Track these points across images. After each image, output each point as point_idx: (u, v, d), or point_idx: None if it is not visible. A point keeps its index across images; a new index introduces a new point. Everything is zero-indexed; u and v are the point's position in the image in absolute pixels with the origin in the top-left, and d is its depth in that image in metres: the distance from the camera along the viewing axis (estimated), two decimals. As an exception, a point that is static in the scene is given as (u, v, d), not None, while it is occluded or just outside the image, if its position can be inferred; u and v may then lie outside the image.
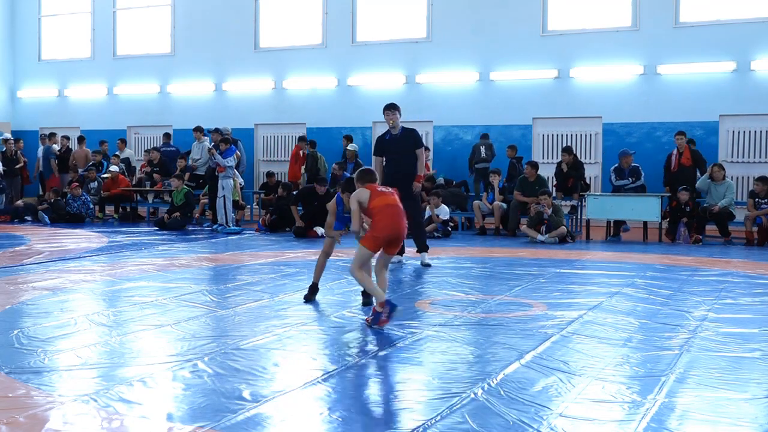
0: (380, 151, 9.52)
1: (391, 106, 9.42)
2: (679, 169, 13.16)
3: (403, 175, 9.17)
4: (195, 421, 3.55)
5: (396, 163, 9.31)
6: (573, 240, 12.54)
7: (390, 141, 9.38)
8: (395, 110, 9.37)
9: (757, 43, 14.69)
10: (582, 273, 8.81)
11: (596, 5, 15.92)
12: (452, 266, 9.10)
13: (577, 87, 15.98)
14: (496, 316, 6.15)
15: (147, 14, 20.30)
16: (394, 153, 9.33)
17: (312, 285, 6.82)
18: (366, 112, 17.63)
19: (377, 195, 5.62)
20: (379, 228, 5.56)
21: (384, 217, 5.57)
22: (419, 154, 9.31)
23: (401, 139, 9.31)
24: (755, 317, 6.12)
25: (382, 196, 5.62)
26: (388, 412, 3.73)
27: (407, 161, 9.27)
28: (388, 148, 9.39)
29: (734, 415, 3.72)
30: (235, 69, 19.00)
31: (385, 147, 9.45)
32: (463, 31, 16.76)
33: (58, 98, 21.34)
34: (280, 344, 5.17)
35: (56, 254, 10.12)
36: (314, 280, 6.81)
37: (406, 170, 9.24)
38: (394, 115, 9.31)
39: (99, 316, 6.01)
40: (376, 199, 5.60)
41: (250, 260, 9.49)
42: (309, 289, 6.81)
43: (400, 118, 9.40)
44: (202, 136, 16.21)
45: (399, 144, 9.30)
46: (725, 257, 10.38)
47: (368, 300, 6.39)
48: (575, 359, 4.76)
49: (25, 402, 3.80)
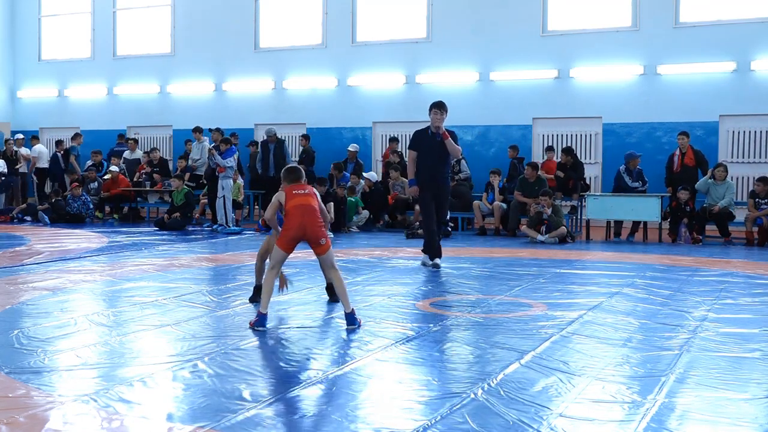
0: (417, 145, 8.98)
1: (440, 105, 8.87)
2: (682, 169, 13.16)
3: (440, 182, 8.88)
4: (195, 421, 3.55)
5: (433, 167, 8.85)
6: (573, 240, 12.54)
7: (431, 140, 8.84)
8: (444, 111, 8.84)
9: (757, 43, 14.69)
10: (582, 273, 8.81)
11: (596, 5, 15.92)
12: (452, 266, 9.09)
13: (577, 87, 15.99)
14: (496, 316, 6.15)
15: (147, 14, 20.29)
16: (433, 154, 8.84)
17: (257, 286, 6.55)
18: (366, 112, 17.65)
19: (292, 197, 5.67)
20: (287, 227, 5.62)
21: (292, 218, 5.61)
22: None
23: (443, 142, 8.81)
24: (755, 317, 6.12)
25: (296, 198, 5.67)
26: (388, 412, 3.73)
27: (444, 168, 8.92)
28: (428, 147, 8.87)
29: (734, 415, 3.72)
30: (235, 69, 19.01)
31: (423, 144, 8.92)
32: (463, 31, 16.77)
33: (58, 98, 21.34)
34: (280, 344, 5.17)
35: (56, 254, 10.11)
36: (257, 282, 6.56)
37: (442, 179, 8.92)
38: (442, 116, 8.79)
39: (99, 316, 6.01)
40: (290, 201, 5.65)
41: (250, 260, 9.48)
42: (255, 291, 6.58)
43: (446, 118, 8.89)
44: (201, 137, 16.23)
45: (442, 147, 8.81)
46: (725, 257, 10.38)
47: (335, 298, 6.37)
48: (575, 359, 4.76)
49: (25, 402, 3.80)
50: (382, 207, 14.99)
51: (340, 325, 5.66)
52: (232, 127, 18.20)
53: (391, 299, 6.84)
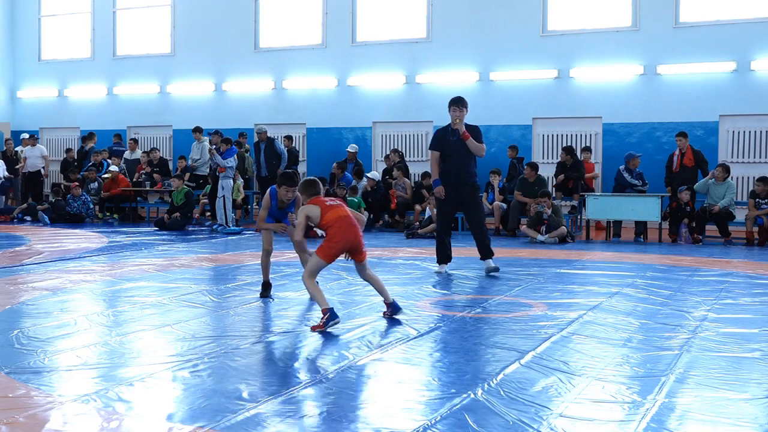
0: (439, 145, 8.56)
1: (458, 101, 8.49)
2: (681, 170, 13.17)
3: (466, 184, 8.53)
4: (195, 421, 3.55)
5: (458, 167, 8.50)
6: (573, 240, 12.54)
7: (453, 139, 8.47)
8: (463, 107, 8.46)
9: (757, 43, 14.69)
10: (582, 273, 8.81)
11: (596, 5, 15.91)
12: (452, 266, 9.09)
13: (577, 87, 15.98)
14: (496, 316, 6.15)
15: (147, 14, 20.29)
16: (458, 154, 8.48)
17: (264, 282, 6.99)
18: (366, 112, 17.64)
19: (328, 209, 5.79)
20: (335, 240, 5.73)
21: (338, 230, 5.72)
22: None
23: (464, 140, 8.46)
24: (755, 317, 6.12)
25: (333, 210, 5.81)
26: (388, 412, 3.73)
27: (469, 167, 8.52)
28: (450, 147, 8.50)
29: (734, 415, 3.72)
30: (235, 69, 19.00)
31: (445, 144, 8.54)
32: (463, 31, 16.76)
33: (58, 98, 21.33)
34: (280, 344, 5.17)
35: (56, 254, 10.12)
36: (264, 279, 7.00)
37: (468, 179, 8.53)
38: (462, 112, 8.41)
39: (99, 316, 6.01)
40: (329, 214, 5.77)
41: (250, 260, 9.49)
42: (262, 287, 6.98)
43: (466, 115, 8.53)
44: (201, 137, 16.23)
45: (464, 145, 8.45)
46: (725, 257, 10.38)
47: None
48: (575, 359, 4.76)
49: (25, 402, 3.80)
50: (382, 207, 14.99)
51: (340, 325, 5.66)
52: (232, 127, 18.22)
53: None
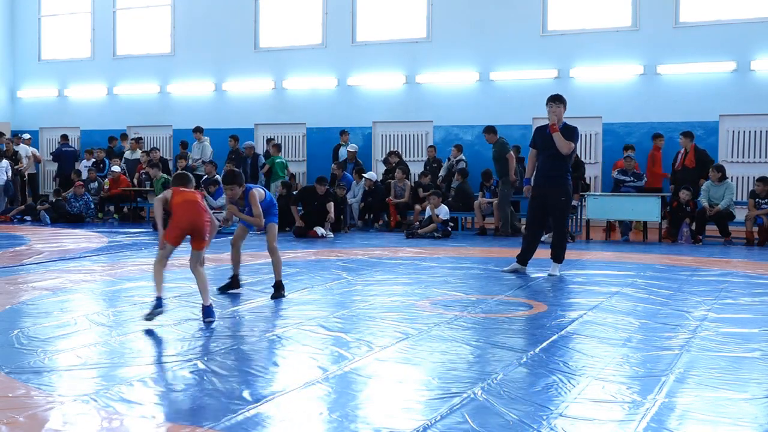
0: (534, 142, 8.57)
1: (554, 98, 8.47)
2: (682, 169, 13.17)
3: (551, 182, 8.33)
4: (195, 421, 3.55)
5: (544, 163, 8.38)
6: (573, 240, 12.53)
7: (548, 136, 8.36)
8: (560, 103, 8.41)
9: (757, 43, 14.68)
10: (582, 273, 8.81)
11: (596, 5, 15.91)
12: (452, 266, 9.09)
13: (576, 87, 15.97)
14: (496, 316, 6.15)
15: (147, 14, 20.28)
16: (546, 151, 8.36)
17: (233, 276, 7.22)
18: (366, 112, 17.64)
19: (178, 194, 5.90)
20: (176, 220, 5.82)
21: (183, 213, 5.81)
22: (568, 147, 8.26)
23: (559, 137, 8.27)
24: (755, 317, 6.12)
25: (182, 194, 5.91)
26: (388, 412, 3.73)
27: (555, 165, 8.31)
28: (543, 144, 8.41)
29: (734, 415, 3.72)
30: (235, 69, 19.00)
31: (538, 141, 8.49)
32: (463, 31, 16.76)
33: (58, 98, 21.33)
34: (280, 344, 5.17)
35: (56, 254, 10.11)
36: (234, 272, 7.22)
37: (553, 179, 8.32)
38: (558, 109, 8.35)
39: (99, 316, 6.01)
40: (177, 197, 5.86)
41: (250, 260, 9.48)
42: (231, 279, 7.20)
43: (564, 112, 8.41)
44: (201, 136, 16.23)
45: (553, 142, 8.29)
46: (725, 257, 10.38)
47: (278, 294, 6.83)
48: (575, 359, 4.76)
49: (25, 402, 3.80)
50: (382, 207, 14.97)
51: (340, 325, 5.66)
52: (232, 127, 18.23)
53: (391, 299, 6.84)
